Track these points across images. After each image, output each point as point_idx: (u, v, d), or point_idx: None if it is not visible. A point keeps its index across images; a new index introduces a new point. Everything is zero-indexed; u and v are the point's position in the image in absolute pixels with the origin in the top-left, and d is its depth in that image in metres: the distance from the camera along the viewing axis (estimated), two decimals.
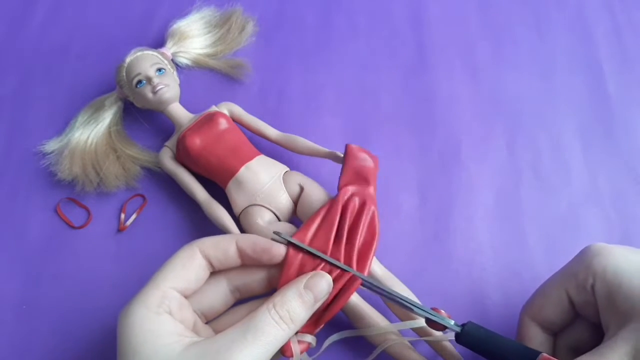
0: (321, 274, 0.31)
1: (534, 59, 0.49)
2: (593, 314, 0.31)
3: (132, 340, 0.27)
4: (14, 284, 0.40)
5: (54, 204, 0.43)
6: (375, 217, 0.37)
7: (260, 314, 0.28)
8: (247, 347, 0.26)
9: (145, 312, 0.28)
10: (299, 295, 0.29)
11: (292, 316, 0.28)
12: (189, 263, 0.30)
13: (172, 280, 0.29)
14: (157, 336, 0.27)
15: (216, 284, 0.32)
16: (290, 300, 0.29)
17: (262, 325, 0.27)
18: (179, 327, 0.28)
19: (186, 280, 0.30)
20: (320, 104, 0.47)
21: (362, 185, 0.38)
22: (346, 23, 0.51)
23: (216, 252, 0.31)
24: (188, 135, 0.40)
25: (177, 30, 0.47)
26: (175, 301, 0.29)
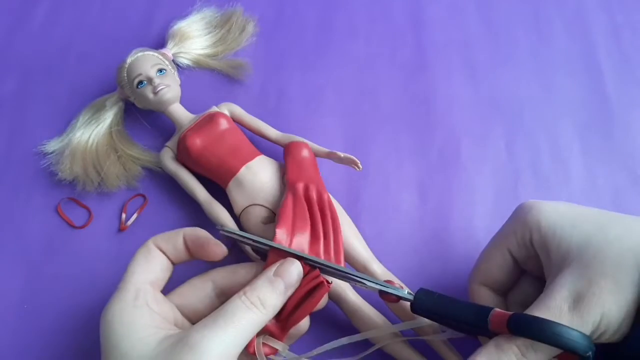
0: (291, 261, 0.30)
1: (534, 59, 0.49)
2: (537, 268, 0.32)
3: (111, 336, 0.28)
4: (15, 284, 0.40)
5: (55, 204, 0.43)
6: (331, 202, 0.38)
7: (231, 301, 0.28)
8: (219, 333, 0.26)
9: (123, 306, 0.28)
10: (269, 281, 0.29)
11: (263, 301, 0.28)
12: (149, 257, 0.31)
13: (141, 275, 0.30)
14: (134, 330, 0.27)
15: (199, 284, 0.32)
16: (260, 286, 0.29)
17: (233, 311, 0.28)
18: (157, 319, 0.29)
19: (153, 272, 0.31)
20: (320, 104, 0.47)
21: (309, 174, 0.39)
22: (346, 23, 0.51)
23: (167, 245, 0.31)
24: (189, 135, 0.40)
25: (178, 31, 0.47)
26: (150, 294, 0.30)
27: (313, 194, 0.38)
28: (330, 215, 0.37)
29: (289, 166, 0.40)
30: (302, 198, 0.37)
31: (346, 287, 0.37)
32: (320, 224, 0.36)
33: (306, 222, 0.36)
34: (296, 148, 0.40)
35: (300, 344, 0.38)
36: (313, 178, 0.39)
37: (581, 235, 0.29)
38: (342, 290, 0.36)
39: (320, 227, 0.36)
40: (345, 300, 0.36)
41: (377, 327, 0.35)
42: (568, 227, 0.30)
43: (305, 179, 0.38)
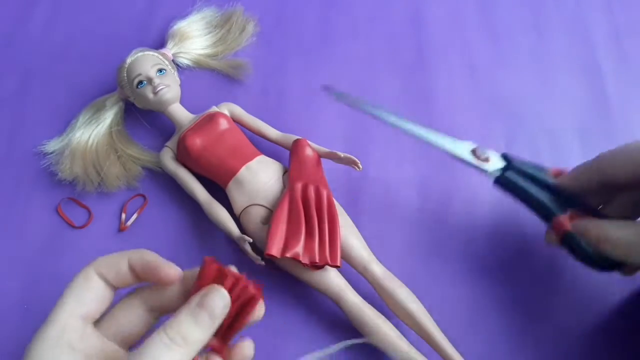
0: (216, 289, 0.27)
1: (534, 59, 0.49)
2: None
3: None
4: (15, 284, 0.40)
5: (55, 204, 0.43)
6: (331, 199, 0.38)
7: (150, 340, 0.25)
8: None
9: (44, 346, 0.27)
10: (191, 314, 0.26)
11: (185, 337, 0.26)
12: (86, 286, 0.28)
13: (71, 308, 0.28)
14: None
15: (129, 306, 0.30)
16: (182, 321, 0.26)
17: (152, 352, 0.25)
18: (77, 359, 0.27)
19: (85, 304, 0.28)
20: (320, 104, 0.47)
21: (310, 173, 0.39)
22: (346, 23, 0.51)
23: (109, 271, 0.29)
24: (188, 135, 0.40)
25: (178, 31, 0.47)
26: (77, 331, 0.27)
27: (311, 193, 0.38)
28: (328, 214, 0.37)
29: (291, 165, 0.40)
30: (299, 199, 0.37)
31: (346, 287, 0.37)
32: (317, 222, 0.37)
33: (300, 225, 0.36)
34: (300, 146, 0.41)
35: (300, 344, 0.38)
36: (314, 177, 0.39)
37: None
38: (341, 290, 0.36)
39: (316, 225, 0.37)
40: (346, 300, 0.36)
41: (377, 328, 0.35)
42: None
43: (305, 178, 0.38)
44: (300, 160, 0.40)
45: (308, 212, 0.37)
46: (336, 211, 0.38)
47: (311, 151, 0.41)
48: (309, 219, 0.37)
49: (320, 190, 0.38)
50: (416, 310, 0.36)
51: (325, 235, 0.36)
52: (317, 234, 0.36)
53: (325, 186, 0.39)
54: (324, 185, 0.39)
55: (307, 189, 0.38)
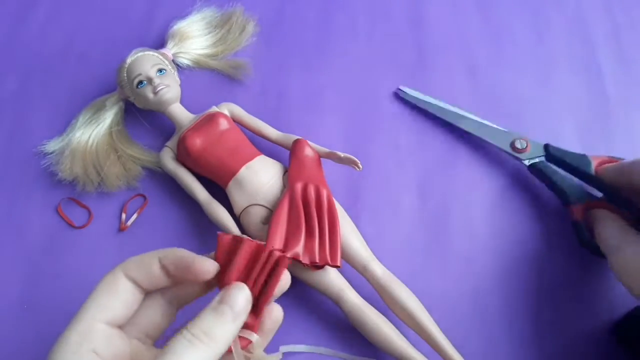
0: (238, 286, 0.27)
1: (533, 60, 0.49)
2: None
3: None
4: (15, 284, 0.40)
5: (55, 204, 0.43)
6: (331, 199, 0.38)
7: (174, 340, 0.25)
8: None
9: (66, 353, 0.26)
10: (214, 311, 0.26)
11: (209, 334, 0.25)
12: (113, 290, 0.27)
13: (96, 313, 0.26)
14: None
15: (150, 301, 0.29)
16: (204, 318, 0.26)
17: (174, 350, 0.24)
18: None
19: (112, 309, 0.27)
20: (320, 104, 0.47)
21: (311, 173, 0.39)
22: (346, 23, 0.51)
23: (139, 273, 0.27)
24: (188, 135, 0.40)
25: (178, 31, 0.47)
26: (101, 336, 0.26)
27: (311, 193, 0.38)
28: (328, 213, 0.37)
29: (291, 165, 0.40)
30: (299, 199, 0.37)
31: (346, 287, 0.37)
32: (317, 222, 0.37)
33: (300, 225, 0.36)
34: (300, 146, 0.41)
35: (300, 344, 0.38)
36: (314, 177, 0.39)
37: None
38: (341, 290, 0.36)
39: (316, 225, 0.37)
40: (346, 300, 0.36)
41: (377, 328, 0.35)
42: None
43: (305, 178, 0.38)
44: (300, 160, 0.40)
45: (308, 212, 0.37)
46: (336, 211, 0.38)
47: (311, 151, 0.41)
48: (309, 219, 0.37)
49: (320, 190, 0.38)
50: (416, 309, 0.36)
51: (326, 235, 0.36)
52: (317, 234, 0.36)
53: (325, 186, 0.39)
54: (323, 185, 0.39)
55: (307, 189, 0.38)
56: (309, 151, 0.40)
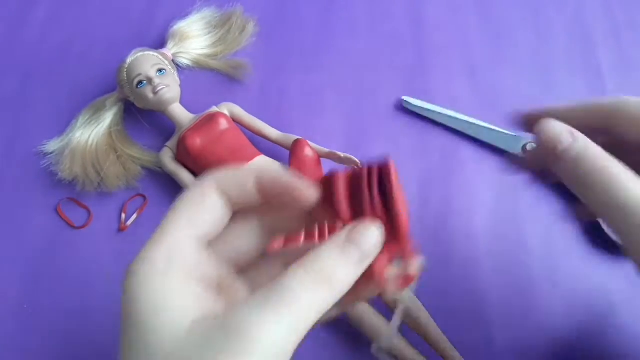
0: (367, 225, 0.23)
1: (534, 60, 0.49)
2: None
3: (133, 311, 0.21)
4: (15, 284, 0.40)
5: (55, 204, 0.43)
6: None
7: (287, 275, 0.21)
8: (273, 317, 0.19)
9: (150, 273, 0.21)
10: (339, 248, 0.22)
11: (330, 276, 0.21)
12: (202, 202, 0.24)
13: (183, 228, 0.23)
14: (162, 308, 0.20)
15: (244, 223, 0.25)
16: (327, 256, 0.22)
17: (291, 288, 0.20)
18: (193, 291, 0.22)
19: (202, 224, 0.23)
20: (320, 104, 0.47)
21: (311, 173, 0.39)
22: (346, 23, 0.51)
23: (233, 188, 0.24)
24: (188, 135, 0.40)
25: (178, 31, 0.47)
26: (190, 253, 0.22)
27: None
28: None
29: (291, 165, 0.40)
30: None
31: None
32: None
33: None
34: (300, 147, 0.40)
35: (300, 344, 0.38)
36: (314, 177, 0.39)
37: None
38: None
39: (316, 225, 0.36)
40: None
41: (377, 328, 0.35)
42: None
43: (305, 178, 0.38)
44: (300, 160, 0.40)
45: None
46: None
47: (311, 151, 0.41)
48: None
49: None
50: (415, 310, 0.36)
51: (325, 236, 0.36)
52: (317, 234, 0.36)
53: None
54: None
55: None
56: (308, 151, 0.40)
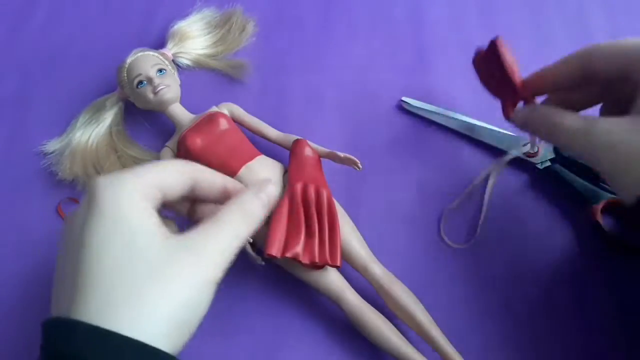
0: (269, 182, 0.32)
1: (534, 60, 0.49)
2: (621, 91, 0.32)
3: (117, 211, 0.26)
4: (15, 284, 0.40)
5: (55, 204, 0.43)
6: (331, 200, 0.38)
7: (222, 210, 0.29)
8: (212, 238, 0.27)
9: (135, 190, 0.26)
10: (254, 194, 0.30)
11: (247, 209, 0.29)
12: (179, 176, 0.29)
13: (158, 179, 0.28)
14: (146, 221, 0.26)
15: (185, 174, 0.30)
16: (247, 199, 0.30)
17: (227, 217, 0.28)
18: (156, 219, 0.27)
19: (168, 188, 0.29)
20: (320, 104, 0.47)
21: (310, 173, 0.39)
22: (346, 23, 0.51)
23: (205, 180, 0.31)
24: (189, 135, 0.40)
25: (178, 31, 0.47)
26: (157, 203, 0.28)
27: (311, 194, 0.38)
28: (328, 214, 0.37)
29: (291, 165, 0.40)
30: (299, 199, 0.37)
31: (346, 287, 0.37)
32: (317, 222, 0.37)
33: (299, 225, 0.36)
34: (300, 147, 0.40)
35: (300, 344, 0.38)
36: (313, 177, 0.39)
37: None
38: (341, 291, 0.36)
39: (316, 225, 0.37)
40: (346, 300, 0.36)
41: (378, 328, 0.35)
42: None
43: (305, 178, 0.38)
44: (300, 161, 0.40)
45: (308, 212, 0.37)
46: (336, 211, 0.38)
47: (311, 151, 0.41)
48: (308, 219, 0.37)
49: (320, 190, 0.38)
50: (416, 310, 0.36)
51: (325, 235, 0.36)
52: (317, 234, 0.36)
53: (326, 186, 0.39)
54: (324, 185, 0.39)
55: (307, 189, 0.38)
56: (308, 151, 0.40)
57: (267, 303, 0.39)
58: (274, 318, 0.39)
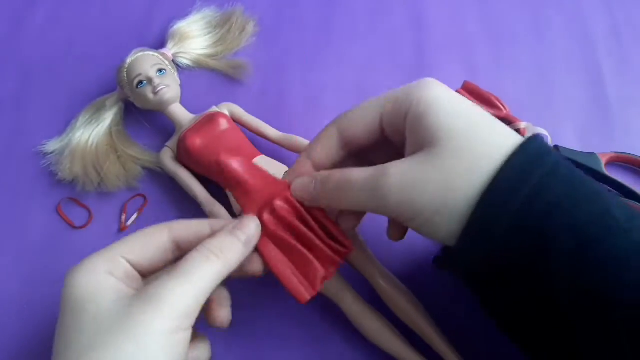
0: (249, 217, 0.31)
1: (533, 59, 0.49)
2: (400, 143, 0.30)
3: (70, 299, 0.27)
4: (15, 284, 0.40)
5: (55, 204, 0.43)
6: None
7: (190, 254, 0.28)
8: (178, 284, 0.26)
9: (92, 272, 0.27)
10: (230, 232, 0.29)
11: (222, 250, 0.28)
12: (151, 240, 0.29)
13: (125, 251, 0.28)
14: (92, 294, 0.26)
15: (158, 237, 0.30)
16: (221, 237, 0.29)
17: (192, 262, 0.27)
18: (113, 283, 0.27)
19: (141, 255, 0.29)
20: (320, 104, 0.47)
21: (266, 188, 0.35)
22: (346, 23, 0.51)
23: (188, 233, 0.30)
24: (188, 135, 0.40)
25: (178, 31, 0.47)
26: (122, 269, 0.28)
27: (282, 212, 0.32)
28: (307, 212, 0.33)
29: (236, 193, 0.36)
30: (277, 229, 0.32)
31: (346, 287, 0.37)
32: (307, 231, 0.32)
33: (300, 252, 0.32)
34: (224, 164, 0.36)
35: (300, 344, 0.38)
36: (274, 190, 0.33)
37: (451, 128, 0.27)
38: (341, 291, 0.36)
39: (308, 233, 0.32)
40: (346, 300, 0.36)
41: (378, 328, 0.35)
42: (443, 115, 0.28)
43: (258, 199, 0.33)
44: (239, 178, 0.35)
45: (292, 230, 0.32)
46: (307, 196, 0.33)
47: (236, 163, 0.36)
48: (298, 235, 0.32)
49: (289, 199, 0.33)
50: (416, 311, 0.36)
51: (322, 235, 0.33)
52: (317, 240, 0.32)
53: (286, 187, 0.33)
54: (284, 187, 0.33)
55: (274, 211, 0.32)
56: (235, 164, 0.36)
57: (267, 304, 0.39)
58: (274, 317, 0.39)
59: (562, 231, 0.25)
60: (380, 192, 0.28)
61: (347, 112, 0.32)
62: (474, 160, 0.27)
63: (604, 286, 0.25)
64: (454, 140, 0.27)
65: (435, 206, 0.27)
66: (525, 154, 0.26)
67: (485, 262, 0.28)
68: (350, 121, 0.32)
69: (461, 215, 0.27)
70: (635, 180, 0.44)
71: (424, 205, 0.27)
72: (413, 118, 0.29)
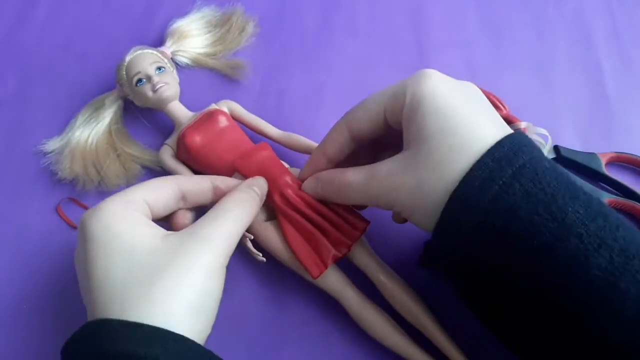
0: (258, 177, 0.36)
1: (533, 59, 0.49)
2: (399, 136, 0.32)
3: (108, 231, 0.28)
4: (14, 284, 0.40)
5: (55, 204, 0.43)
6: None
7: (222, 201, 0.32)
8: (218, 224, 0.30)
9: (120, 208, 0.29)
10: (249, 187, 0.34)
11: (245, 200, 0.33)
12: (165, 187, 0.32)
13: (144, 194, 0.31)
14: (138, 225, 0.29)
15: (170, 183, 0.33)
16: (243, 189, 0.34)
17: (227, 207, 0.32)
18: (149, 222, 0.30)
19: (157, 199, 0.32)
20: (320, 104, 0.47)
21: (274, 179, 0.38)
22: (346, 23, 0.51)
23: (192, 186, 0.33)
24: (188, 133, 0.40)
25: (177, 30, 0.47)
26: (145, 210, 0.31)
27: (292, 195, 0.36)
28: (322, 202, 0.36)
29: None
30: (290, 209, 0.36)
31: (347, 283, 0.37)
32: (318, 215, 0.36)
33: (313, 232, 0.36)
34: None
35: (300, 343, 0.38)
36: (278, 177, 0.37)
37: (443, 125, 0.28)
38: (343, 287, 0.36)
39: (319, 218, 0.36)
40: (347, 297, 0.36)
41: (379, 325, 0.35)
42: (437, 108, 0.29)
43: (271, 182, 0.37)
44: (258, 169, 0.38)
45: (304, 214, 0.36)
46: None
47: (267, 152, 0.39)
48: (310, 219, 0.36)
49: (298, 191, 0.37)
50: (418, 308, 0.36)
51: (334, 217, 0.36)
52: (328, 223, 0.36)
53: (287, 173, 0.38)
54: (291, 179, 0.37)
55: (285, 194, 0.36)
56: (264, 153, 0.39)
57: (268, 300, 0.39)
58: (274, 315, 0.39)
59: (520, 232, 0.26)
60: (370, 193, 0.31)
61: (353, 109, 0.34)
62: (441, 162, 0.28)
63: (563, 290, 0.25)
64: (427, 142, 0.28)
65: (411, 206, 0.30)
66: (500, 152, 0.27)
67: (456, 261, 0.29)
68: (356, 117, 0.34)
69: (435, 214, 0.28)
70: (635, 180, 0.44)
71: (403, 204, 0.30)
72: (406, 115, 0.30)
